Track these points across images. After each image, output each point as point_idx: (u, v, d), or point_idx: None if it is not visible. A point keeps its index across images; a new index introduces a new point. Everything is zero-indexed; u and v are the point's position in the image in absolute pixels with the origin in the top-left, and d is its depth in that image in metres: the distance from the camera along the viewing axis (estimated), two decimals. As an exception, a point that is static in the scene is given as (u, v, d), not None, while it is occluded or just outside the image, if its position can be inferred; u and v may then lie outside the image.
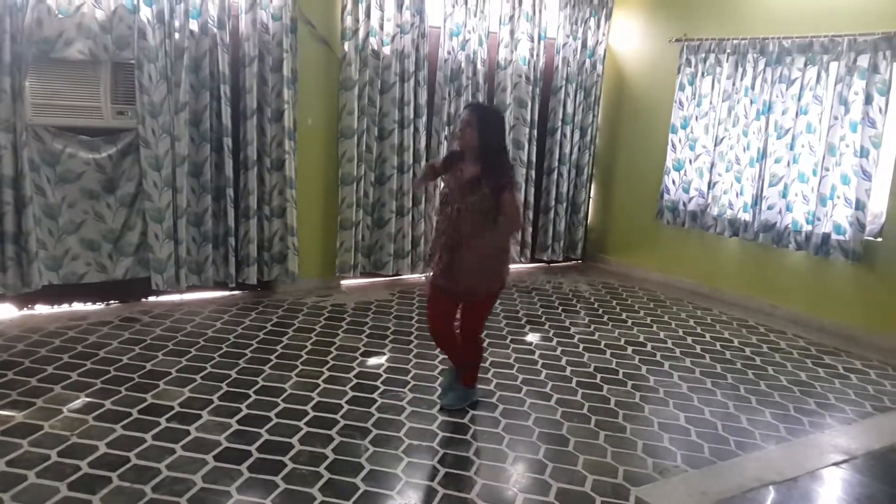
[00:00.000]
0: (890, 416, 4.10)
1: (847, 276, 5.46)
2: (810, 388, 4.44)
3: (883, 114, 5.19)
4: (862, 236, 5.31)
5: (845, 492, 3.31)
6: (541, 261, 7.18)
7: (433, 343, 4.01)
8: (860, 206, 5.29)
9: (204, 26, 5.06)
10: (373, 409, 3.81)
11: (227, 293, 5.55)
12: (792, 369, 4.75)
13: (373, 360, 4.50)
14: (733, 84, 6.09)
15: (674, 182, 6.58)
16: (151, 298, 5.32)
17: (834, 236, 5.47)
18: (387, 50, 5.83)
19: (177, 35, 4.96)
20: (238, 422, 3.58)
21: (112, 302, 5.21)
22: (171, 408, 3.68)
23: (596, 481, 3.23)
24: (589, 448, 3.54)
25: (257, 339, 4.71)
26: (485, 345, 3.97)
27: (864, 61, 5.25)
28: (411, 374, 4.30)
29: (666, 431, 3.77)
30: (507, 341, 4.98)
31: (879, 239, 5.32)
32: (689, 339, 5.23)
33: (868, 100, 5.23)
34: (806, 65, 5.60)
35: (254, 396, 3.88)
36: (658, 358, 4.84)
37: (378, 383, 4.15)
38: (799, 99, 5.65)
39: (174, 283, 5.21)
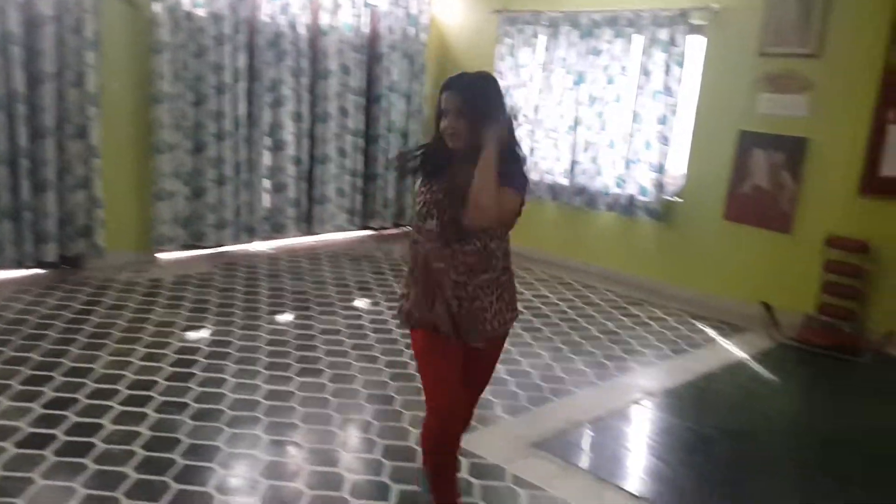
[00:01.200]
0: (684, 357, 4.51)
1: (651, 234, 5.91)
2: (617, 336, 4.79)
3: (679, 83, 5.62)
4: (662, 197, 5.76)
5: (645, 426, 3.62)
6: (370, 228, 7.20)
7: (437, 456, 2.48)
8: (661, 169, 5.72)
9: (-13, -21, 4.58)
10: (192, 384, 3.68)
11: (28, 272, 5.10)
12: (601, 320, 5.09)
13: (193, 335, 4.34)
14: (549, 55, 6.36)
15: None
16: (-62, 281, 4.81)
17: (639, 198, 5.88)
18: (201, 12, 5.55)
19: (-45, -12, 4.47)
20: (42, 406, 3.34)
21: None
22: (-38, 396, 3.37)
23: (420, 435, 3.31)
24: (414, 405, 3.61)
25: (64, 320, 4.39)
26: None
27: (663, 35, 5.64)
28: (235, 347, 4.18)
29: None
30: (336, 308, 4.97)
31: (679, 199, 5.78)
32: (512, 299, 5.45)
33: (667, 70, 5.63)
34: (614, 37, 5.94)
35: (60, 379, 3.62)
36: (482, 317, 5.01)
37: (199, 357, 4.00)
38: (607, 69, 6.00)
39: (-36, 262, 4.74)
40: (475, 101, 2.31)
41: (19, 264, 5.03)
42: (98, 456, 2.97)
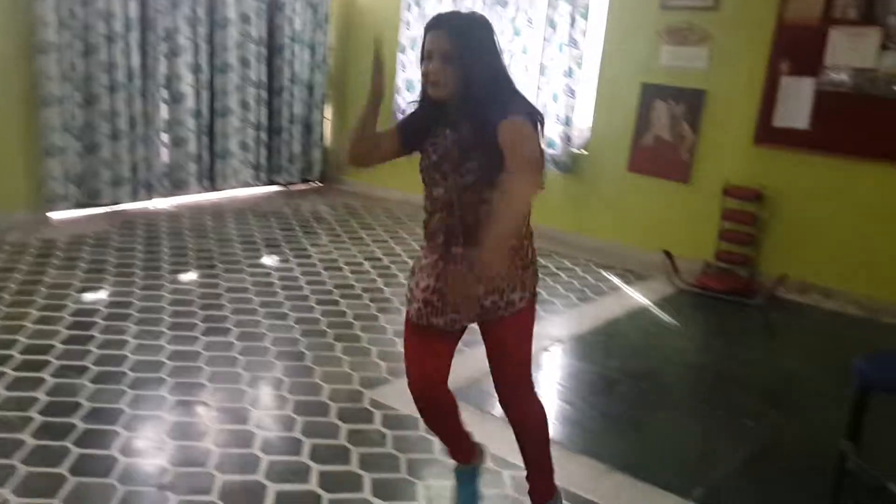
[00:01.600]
0: (591, 305, 4.64)
1: (559, 186, 5.99)
2: (527, 287, 4.87)
3: (584, 35, 5.67)
4: (570, 149, 5.84)
5: (555, 372, 3.71)
6: (277, 184, 7.03)
7: (422, 417, 2.38)
8: (568, 122, 5.79)
9: None
10: (91, 347, 3.52)
11: None
12: (512, 271, 5.16)
13: (90, 296, 4.15)
14: (455, 4, 6.28)
15: (406, 101, 6.71)
16: None
17: (547, 150, 5.94)
18: (86, -47, 5.21)
19: None
20: (-75, 375, 3.15)
21: None
22: None
23: (333, 390, 3.30)
24: (326, 360, 3.59)
25: (-53, 284, 4.13)
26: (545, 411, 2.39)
27: (568, -14, 5.67)
28: (136, 307, 4.03)
29: (399, 337, 3.92)
30: (243, 266, 4.85)
31: (585, 152, 5.88)
32: (423, 252, 5.45)
33: (572, 22, 5.67)
34: (519, -12, 5.93)
35: (-56, 346, 3.41)
36: (393, 270, 5.00)
37: (98, 319, 3.84)
38: (514, 21, 5.99)
39: None
40: (468, 44, 1.97)
41: None
42: (-9, 424, 2.82)
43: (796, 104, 4.83)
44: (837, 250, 4.81)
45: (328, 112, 7.29)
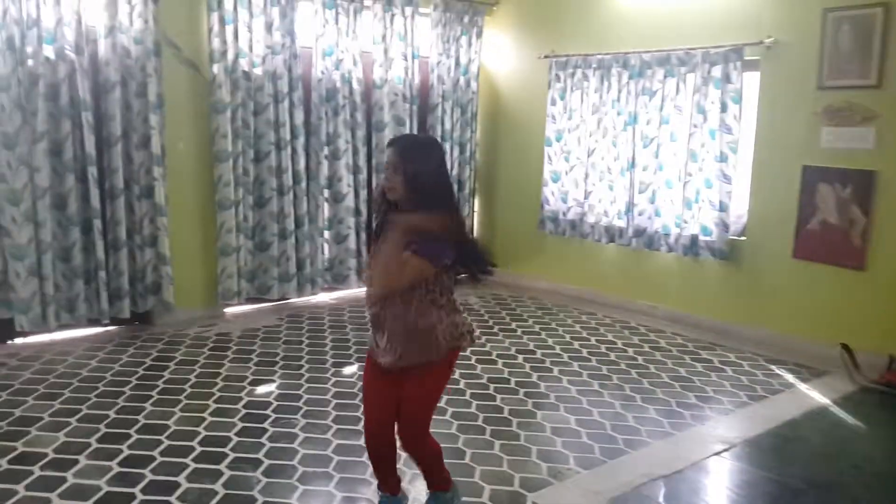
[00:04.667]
0: (763, 405, 4.34)
1: (716, 274, 5.77)
2: (690, 383, 4.65)
3: (738, 120, 5.54)
4: (727, 236, 5.63)
5: (728, 479, 3.48)
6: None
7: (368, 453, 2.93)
8: (723, 207, 5.61)
9: (60, 52, 4.81)
10: (264, 440, 3.69)
11: (101, 330, 5.24)
12: (672, 366, 4.96)
13: (262, 389, 4.37)
14: (600, 97, 6.35)
15: (553, 193, 6.78)
16: (18, 340, 4.95)
17: (701, 237, 5.77)
18: (258, 71, 5.72)
19: (30, 62, 4.70)
20: (119, 464, 3.38)
21: (-30, 348, 4.83)
22: (45, 455, 3.43)
23: (493, 491, 3.25)
24: (485, 458, 3.56)
25: (136, 376, 4.47)
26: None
27: (717, 72, 5.59)
28: (303, 400, 4.20)
29: (558, 435, 3.84)
30: (399, 359, 4.95)
31: (743, 238, 5.65)
32: (576, 344, 5.37)
33: (723, 108, 5.56)
34: (665, 77, 5.91)
35: (135, 436, 3.67)
36: (547, 364, 4.94)
37: (269, 412, 4.02)
38: (661, 109, 5.96)
39: (41, 322, 4.88)
40: (410, 157, 2.56)
41: (94, 322, 5.17)
42: (176, 516, 2.98)
43: (983, 183, 4.45)
44: None
45: (476, 205, 7.47)
